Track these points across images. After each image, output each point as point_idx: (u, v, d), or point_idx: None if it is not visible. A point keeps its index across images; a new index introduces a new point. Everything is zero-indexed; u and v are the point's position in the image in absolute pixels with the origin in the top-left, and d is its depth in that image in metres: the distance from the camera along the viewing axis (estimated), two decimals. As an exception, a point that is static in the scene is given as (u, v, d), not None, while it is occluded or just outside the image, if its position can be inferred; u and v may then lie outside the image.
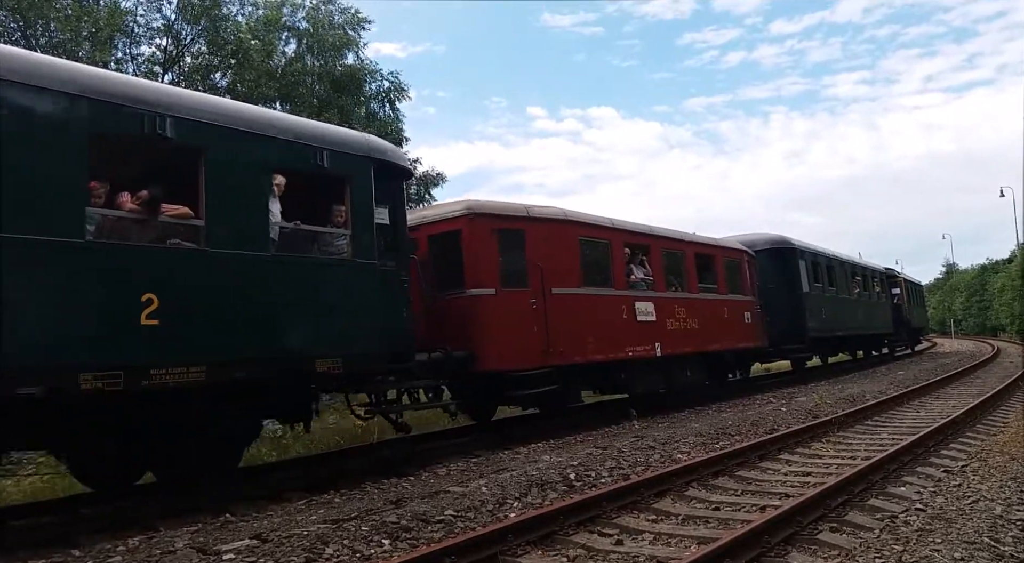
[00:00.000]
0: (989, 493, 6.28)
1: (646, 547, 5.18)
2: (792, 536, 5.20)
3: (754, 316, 16.62)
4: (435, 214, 10.98)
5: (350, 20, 22.23)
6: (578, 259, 11.56)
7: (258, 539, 5.56)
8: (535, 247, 10.76)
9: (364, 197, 8.15)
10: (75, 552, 5.55)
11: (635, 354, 12.33)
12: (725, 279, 15.84)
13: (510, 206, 11.17)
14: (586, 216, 12.28)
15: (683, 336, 13.68)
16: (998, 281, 54.57)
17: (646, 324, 12.68)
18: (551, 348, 10.54)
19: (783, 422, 10.95)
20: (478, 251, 10.26)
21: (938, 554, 4.72)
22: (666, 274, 13.98)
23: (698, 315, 14.21)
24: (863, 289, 25.67)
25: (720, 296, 15.48)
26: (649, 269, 13.39)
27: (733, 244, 17.06)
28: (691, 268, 14.67)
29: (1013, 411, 11.69)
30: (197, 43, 18.69)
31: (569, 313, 10.96)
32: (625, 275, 12.74)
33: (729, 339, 15.46)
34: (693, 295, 14.44)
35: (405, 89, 23.11)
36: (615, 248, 12.50)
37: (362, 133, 9.10)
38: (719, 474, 7.42)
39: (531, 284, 10.59)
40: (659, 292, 13.41)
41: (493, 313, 10.10)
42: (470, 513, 6.13)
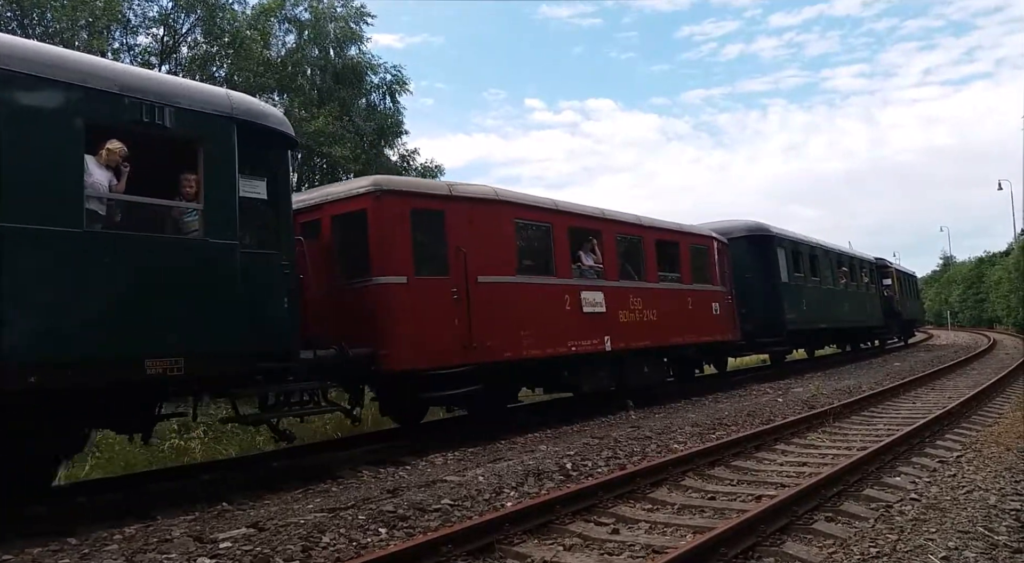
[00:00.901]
0: (983, 483, 6.31)
1: (642, 536, 5.20)
2: (788, 525, 5.21)
3: (724, 307, 15.51)
4: (340, 191, 9.62)
5: (353, 14, 22.16)
6: (512, 244, 10.38)
7: (255, 527, 5.56)
8: (458, 230, 9.56)
9: (223, 165, 6.78)
10: (71, 540, 5.55)
11: (580, 349, 11.18)
12: (690, 267, 14.64)
13: (428, 183, 10.31)
14: (522, 196, 11.22)
15: (639, 329, 12.58)
16: (995, 274, 54.63)
17: (594, 316, 11.55)
18: (475, 343, 9.36)
19: (779, 413, 10.98)
20: (387, 234, 8.98)
21: (932, 543, 4.75)
22: (620, 261, 12.82)
23: (657, 306, 13.10)
24: (850, 280, 24.65)
25: (684, 286, 14.30)
26: (600, 256, 12.21)
27: (700, 230, 15.83)
28: (650, 255, 13.46)
29: (1008, 402, 11.73)
30: (193, 33, 18.61)
31: (499, 304, 9.81)
32: (570, 262, 11.60)
33: (693, 332, 14.28)
34: (652, 284, 13.28)
35: (406, 82, 23.07)
36: (557, 232, 11.32)
37: (223, 89, 7.80)
38: (715, 464, 7.44)
39: (452, 271, 9.40)
40: (610, 281, 12.23)
41: (403, 304, 8.86)
42: (467, 502, 6.15)
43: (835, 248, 24.39)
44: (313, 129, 18.12)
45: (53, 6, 15.44)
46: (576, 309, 11.27)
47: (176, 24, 18.17)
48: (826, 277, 22.10)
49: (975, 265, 65.71)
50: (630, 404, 12.66)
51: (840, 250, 25.07)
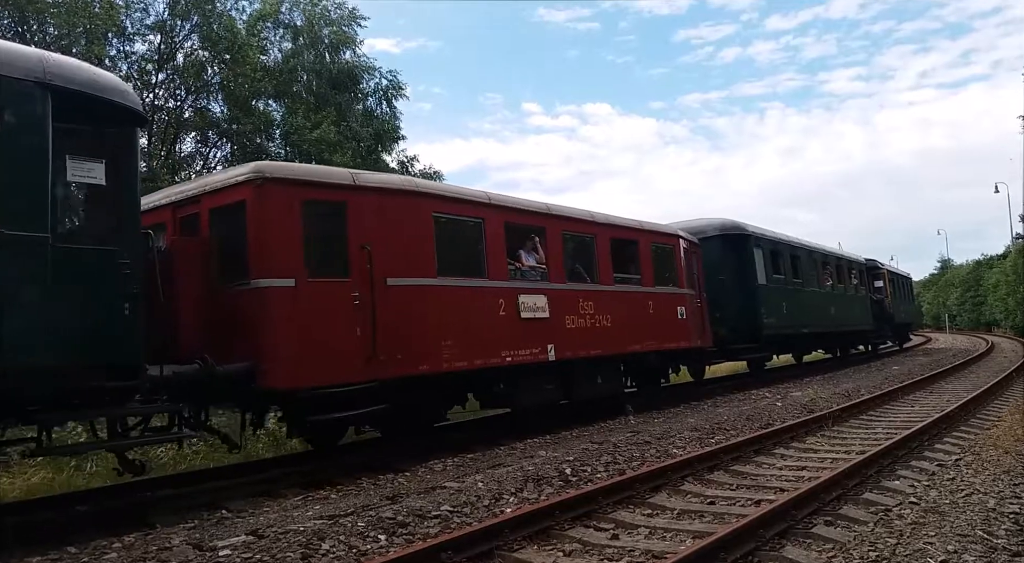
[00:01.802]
0: (982, 486, 6.32)
1: (641, 541, 5.20)
2: (787, 530, 5.22)
3: (692, 312, 14.32)
4: (218, 180, 8.37)
5: (346, 17, 22.20)
6: (431, 241, 9.09)
7: (254, 535, 5.56)
8: (363, 225, 8.37)
9: (29, 140, 5.64)
10: (71, 549, 5.55)
11: (517, 359, 9.98)
12: (652, 268, 13.41)
13: (324, 171, 9.08)
14: (446, 188, 10.11)
15: (590, 336, 11.41)
16: (992, 276, 54.79)
17: (535, 322, 10.37)
18: (381, 356, 8.20)
19: (778, 417, 10.99)
20: (270, 228, 7.75)
21: (932, 547, 4.75)
22: (568, 262, 11.66)
23: (612, 311, 11.92)
24: (837, 281, 23.45)
25: (644, 288, 13.06)
26: (543, 255, 11.00)
27: (664, 228, 14.53)
28: (604, 255, 12.22)
29: (1007, 405, 11.74)
30: (190, 39, 18.64)
31: (415, 310, 8.71)
32: (507, 262, 10.35)
33: (655, 338, 13.06)
34: (606, 287, 12.08)
35: (403, 87, 23.10)
36: (491, 229, 10.03)
37: (36, 50, 6.52)
38: (714, 469, 7.45)
39: (354, 273, 8.21)
40: (556, 283, 10.99)
41: (289, 311, 7.65)
42: (466, 508, 6.15)
43: (820, 248, 23.16)
44: (315, 137, 18.11)
45: (52, 12, 15.46)
46: (512, 315, 10.05)
47: (172, 32, 18.20)
48: (810, 279, 21.00)
49: (973, 268, 65.95)
50: (629, 409, 12.66)
51: (826, 250, 23.89)
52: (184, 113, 18.80)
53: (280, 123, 20.41)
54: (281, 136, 20.01)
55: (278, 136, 20.21)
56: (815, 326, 20.88)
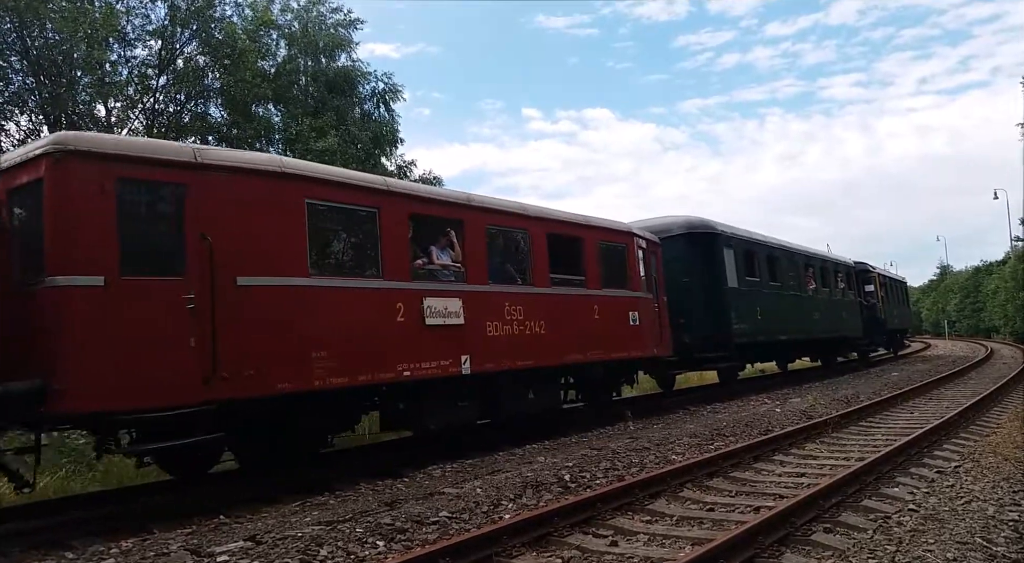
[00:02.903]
0: (982, 494, 6.32)
1: (640, 548, 5.19)
2: (786, 537, 5.21)
3: (648, 317, 13.07)
4: (16, 156, 7.02)
5: (342, 21, 22.27)
6: (302, 234, 7.67)
7: (252, 541, 5.55)
8: (208, 212, 6.96)
9: None
10: (68, 555, 5.54)
11: (419, 373, 8.59)
12: (599, 269, 12.08)
13: (152, 145, 7.58)
14: (326, 171, 8.63)
15: (518, 345, 10.07)
16: (992, 283, 54.84)
17: (445, 329, 8.99)
18: (224, 372, 6.79)
19: (777, 423, 10.98)
20: (71, 213, 6.39)
21: (931, 554, 4.75)
22: (494, 260, 10.38)
23: (548, 316, 10.65)
24: (821, 285, 21.99)
25: (589, 291, 11.73)
26: (459, 252, 9.62)
27: (615, 225, 13.13)
28: (540, 253, 10.84)
29: (1006, 412, 11.74)
30: (191, 43, 18.68)
31: (274, 316, 7.28)
32: (410, 260, 8.96)
33: (601, 347, 11.73)
34: (540, 289, 10.73)
35: (399, 90, 23.14)
36: (389, 220, 8.61)
37: None
38: (713, 475, 7.44)
39: (191, 270, 6.81)
40: (475, 284, 9.64)
41: (96, 316, 6.30)
42: (465, 514, 6.14)
43: (802, 250, 21.65)
44: (320, 148, 18.11)
45: (52, 18, 15.49)
46: (414, 321, 8.64)
47: (172, 38, 18.24)
48: (789, 282, 19.58)
49: (972, 274, 65.99)
50: (628, 415, 12.65)
51: (809, 252, 22.32)
52: (184, 118, 18.83)
53: (281, 128, 20.45)
54: (283, 142, 20.04)
55: (278, 141, 20.25)
56: (796, 333, 19.64)
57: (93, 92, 16.91)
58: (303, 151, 18.14)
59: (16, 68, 16.56)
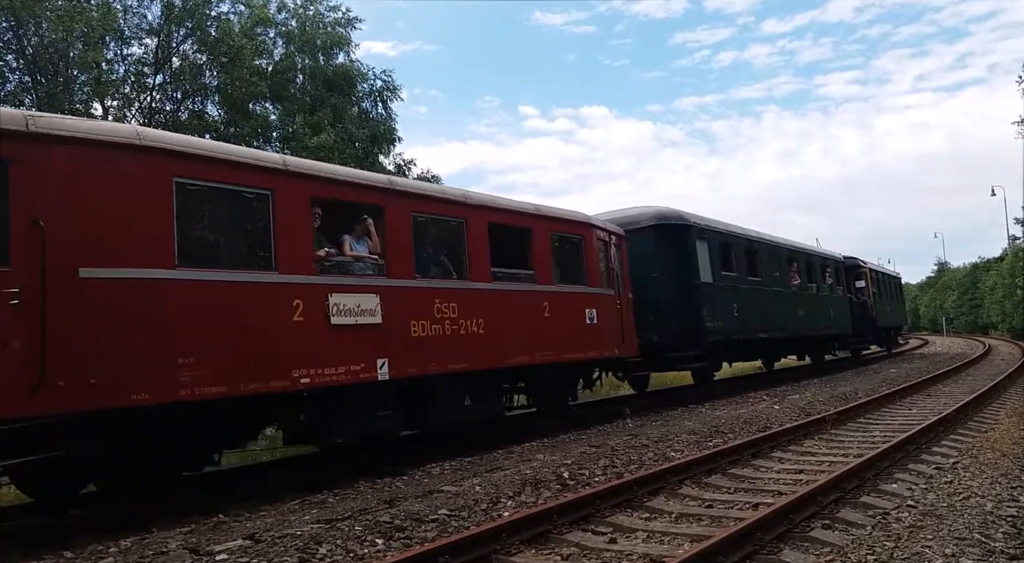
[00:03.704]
0: (980, 490, 6.33)
1: (639, 545, 5.19)
2: (785, 533, 5.22)
3: (607, 315, 12.15)
4: None
5: (340, 19, 22.26)
6: (168, 218, 6.59)
7: (251, 539, 5.55)
8: (44, 192, 6.03)
9: None
10: (67, 554, 5.52)
11: (322, 380, 7.56)
12: (551, 263, 11.17)
13: None
14: (197, 144, 7.47)
15: (451, 346, 9.09)
16: (989, 279, 54.96)
17: (357, 330, 7.99)
18: (60, 380, 5.86)
19: (776, 420, 10.99)
20: None
21: (929, 550, 4.76)
22: (423, 251, 9.36)
23: (488, 314, 9.66)
24: (807, 281, 21.11)
25: (538, 287, 10.75)
26: (378, 242, 8.68)
27: (571, 215, 12.13)
28: (479, 245, 9.84)
29: (1004, 408, 11.77)
30: (186, 43, 18.66)
31: (127, 314, 6.28)
32: (313, 250, 7.89)
33: (553, 348, 10.76)
34: (479, 284, 9.74)
35: (397, 88, 23.15)
36: (286, 205, 7.56)
37: None
38: (712, 472, 7.44)
39: (16, 260, 5.89)
40: (396, 278, 8.62)
41: None
42: (464, 512, 6.14)
43: (785, 243, 20.66)
44: (315, 144, 18.11)
45: (49, 17, 15.47)
46: (316, 320, 7.61)
47: (168, 36, 18.22)
48: (771, 277, 18.60)
49: (970, 271, 66.15)
50: (627, 412, 12.66)
51: (793, 246, 21.24)
52: (181, 116, 18.81)
53: (278, 126, 20.44)
54: (279, 140, 20.03)
55: (275, 139, 20.23)
56: (778, 331, 18.73)
57: (90, 91, 16.89)
58: (299, 148, 18.16)
59: (13, 67, 16.54)
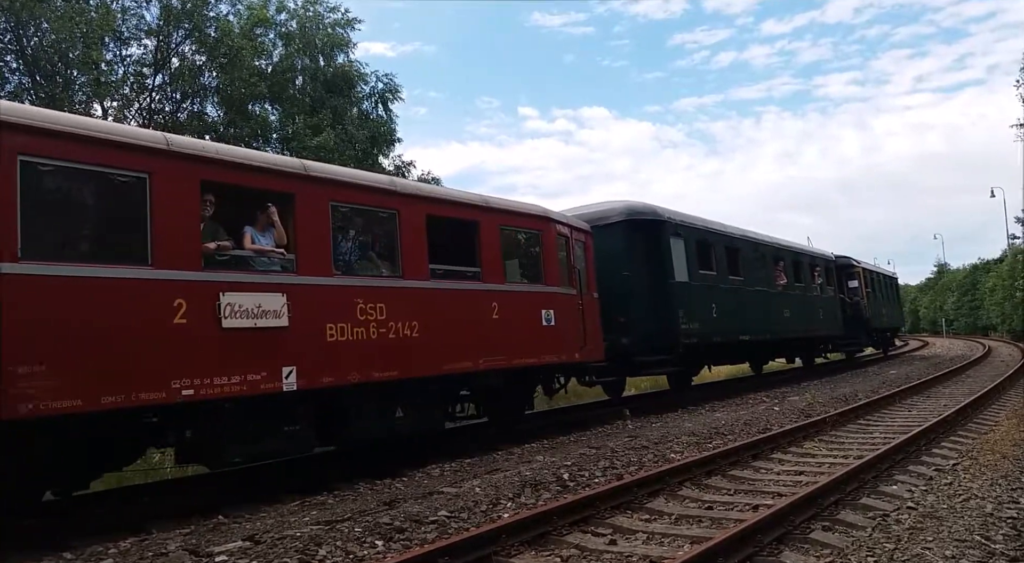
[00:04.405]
0: (980, 491, 6.32)
1: (639, 547, 5.19)
2: (785, 535, 5.21)
3: (567, 316, 11.17)
4: None
5: (339, 20, 22.28)
6: (12, 204, 5.73)
7: (251, 541, 5.54)
8: None
9: None
10: (66, 555, 5.52)
11: (209, 392, 6.61)
12: (501, 260, 10.22)
13: None
14: (50, 117, 6.29)
15: (377, 352, 8.17)
16: (989, 281, 54.97)
17: (257, 333, 7.04)
18: None
19: (776, 421, 10.99)
20: None
21: (929, 552, 4.75)
22: (343, 245, 8.44)
23: (423, 315, 8.73)
24: (795, 280, 20.25)
25: (485, 285, 9.78)
26: (284, 234, 7.70)
27: (527, 208, 11.18)
28: (414, 239, 8.89)
29: (1004, 410, 11.76)
30: (185, 44, 18.67)
31: None
32: (200, 241, 6.90)
33: (503, 352, 9.81)
34: (414, 282, 8.76)
35: (398, 90, 23.16)
36: (166, 190, 6.62)
37: None
38: (712, 473, 7.44)
39: None
40: (308, 275, 7.67)
41: None
42: (464, 514, 6.13)
43: (771, 241, 19.69)
44: (315, 144, 18.12)
45: (49, 18, 15.47)
46: (204, 323, 6.65)
47: (167, 37, 18.22)
48: (754, 276, 17.72)
49: (969, 272, 66.16)
50: (626, 413, 12.66)
51: (779, 244, 20.28)
52: (180, 117, 18.82)
53: (277, 127, 20.45)
54: (279, 141, 20.04)
55: (275, 140, 20.24)
56: (761, 333, 17.80)
57: (90, 91, 16.89)
58: (299, 148, 18.19)
59: (13, 67, 16.53)
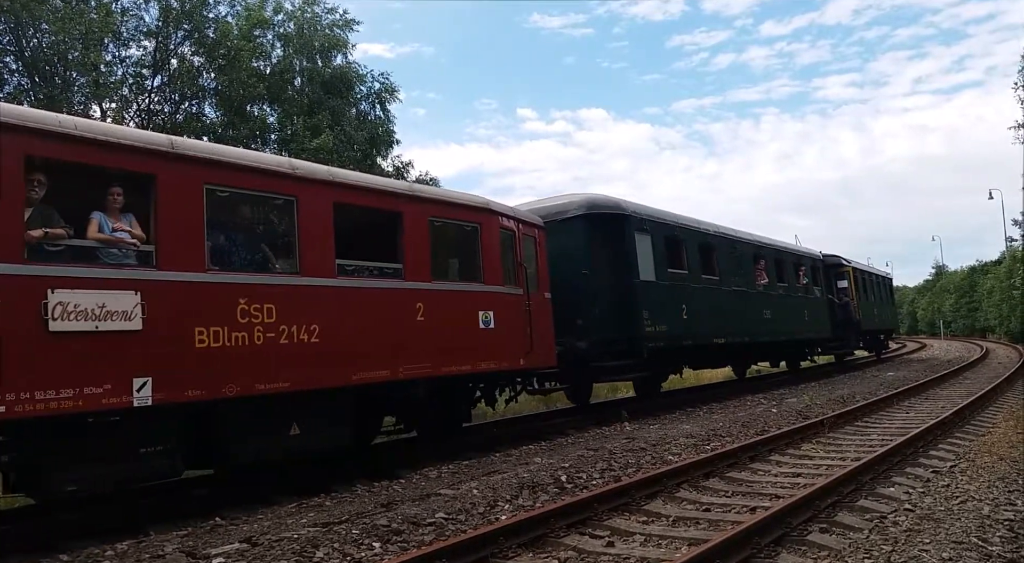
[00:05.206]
0: (977, 493, 6.33)
1: (637, 548, 5.19)
2: (782, 537, 5.21)
3: (511, 319, 10.24)
4: None
5: (337, 21, 22.30)
6: None
7: (248, 543, 5.54)
8: None
9: None
10: (63, 557, 5.52)
11: (28, 409, 5.52)
12: (428, 255, 9.11)
13: None
14: None
15: (265, 359, 7.08)
16: (987, 282, 55.04)
17: (98, 339, 5.96)
18: None
19: (773, 423, 11.00)
20: None
21: (926, 554, 4.75)
22: (219, 236, 7.29)
23: (326, 317, 7.70)
24: (777, 280, 19.26)
25: (407, 284, 8.73)
26: (144, 224, 6.59)
27: (462, 199, 10.21)
28: (318, 230, 7.83)
29: (1001, 412, 11.77)
30: (184, 45, 18.68)
31: None
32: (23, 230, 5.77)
33: (428, 359, 8.81)
34: (313, 280, 7.71)
35: (395, 90, 23.17)
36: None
37: None
38: (710, 475, 7.44)
39: None
40: (171, 270, 6.51)
41: None
42: (461, 515, 6.13)
43: (750, 238, 18.59)
44: (314, 146, 18.12)
45: (48, 19, 15.47)
46: (23, 325, 5.63)
47: (166, 38, 18.23)
48: (731, 276, 16.73)
49: (967, 274, 66.23)
50: (624, 415, 12.66)
51: (760, 242, 19.17)
52: (178, 118, 18.83)
53: (276, 128, 20.45)
54: (278, 142, 20.05)
55: (273, 141, 20.25)
56: (738, 335, 16.67)
57: (89, 93, 16.89)
58: (298, 150, 18.20)
59: (12, 69, 16.52)
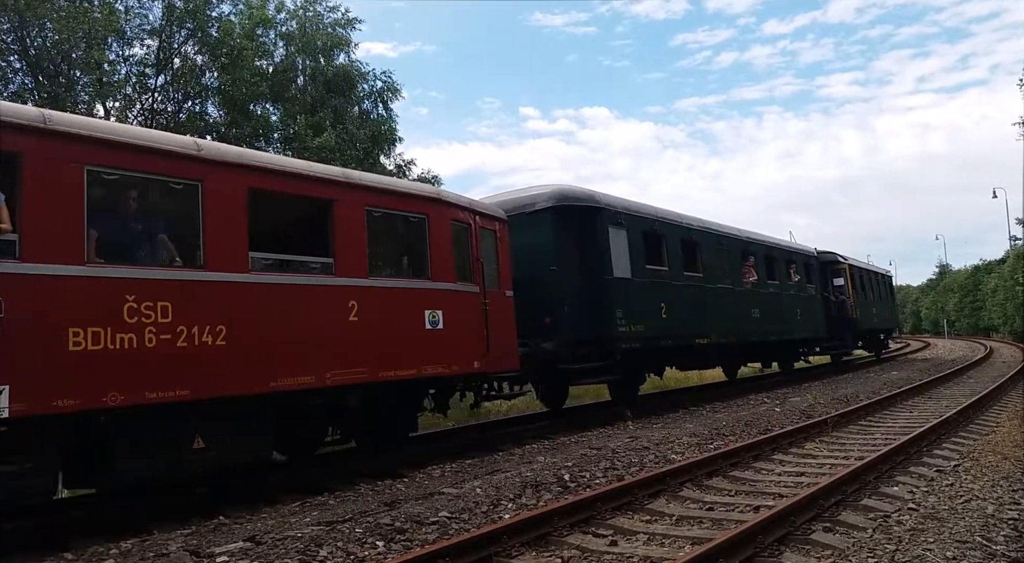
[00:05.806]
0: (981, 492, 6.31)
1: (640, 548, 5.19)
2: (786, 536, 5.21)
3: (464, 319, 9.53)
4: None
5: (339, 20, 22.32)
6: None
7: (252, 541, 5.55)
8: None
9: None
10: (67, 555, 5.53)
11: None
12: (364, 248, 8.34)
13: None
14: None
15: (153, 364, 6.30)
16: (991, 281, 54.89)
17: None
18: None
19: (777, 422, 10.98)
20: None
21: (930, 553, 4.74)
22: (102, 224, 6.34)
23: (235, 317, 6.96)
24: (768, 277, 18.47)
25: (338, 280, 8.01)
26: (5, 209, 5.82)
27: (410, 187, 9.87)
28: (228, 220, 7.10)
29: (1005, 411, 11.74)
30: (188, 44, 18.70)
31: None
32: None
33: (363, 363, 8.11)
34: (221, 275, 6.95)
35: (398, 89, 23.19)
36: None
37: None
38: (713, 474, 7.43)
39: None
40: (40, 262, 5.75)
41: None
42: (464, 514, 6.13)
43: (737, 234, 17.63)
44: (316, 144, 18.14)
45: (52, 18, 15.49)
46: None
47: (170, 37, 18.25)
48: (716, 273, 15.86)
49: (971, 273, 66.05)
50: (628, 414, 12.65)
51: (749, 237, 18.23)
52: (181, 117, 18.85)
53: (278, 127, 20.47)
54: (280, 141, 20.07)
55: (276, 139, 20.27)
56: (724, 335, 15.79)
57: (92, 92, 16.92)
58: (300, 149, 18.21)
59: (16, 68, 16.56)
